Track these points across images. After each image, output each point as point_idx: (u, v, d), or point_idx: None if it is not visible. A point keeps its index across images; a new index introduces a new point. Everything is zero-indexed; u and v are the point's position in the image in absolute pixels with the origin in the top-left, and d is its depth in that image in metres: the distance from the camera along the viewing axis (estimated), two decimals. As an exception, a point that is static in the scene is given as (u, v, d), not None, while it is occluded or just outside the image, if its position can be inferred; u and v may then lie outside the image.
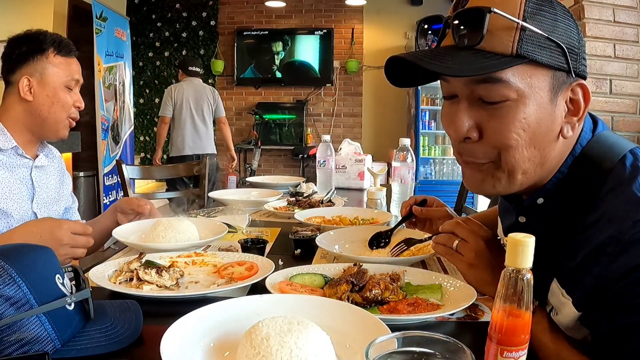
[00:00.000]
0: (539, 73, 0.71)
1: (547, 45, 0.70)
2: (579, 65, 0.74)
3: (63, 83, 1.37)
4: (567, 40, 0.72)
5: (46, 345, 0.71)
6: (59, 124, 1.39)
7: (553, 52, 0.71)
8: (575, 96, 0.74)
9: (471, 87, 0.74)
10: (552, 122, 0.74)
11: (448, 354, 0.57)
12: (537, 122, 0.73)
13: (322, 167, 2.40)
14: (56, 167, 1.52)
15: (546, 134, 0.74)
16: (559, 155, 0.77)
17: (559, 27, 0.71)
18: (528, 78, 0.71)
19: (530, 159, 0.75)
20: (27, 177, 1.38)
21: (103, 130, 4.49)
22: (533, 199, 0.81)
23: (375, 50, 6.34)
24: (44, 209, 1.39)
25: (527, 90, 0.71)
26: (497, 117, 0.73)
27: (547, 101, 0.72)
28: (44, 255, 0.78)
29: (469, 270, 0.94)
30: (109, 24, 4.64)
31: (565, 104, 0.74)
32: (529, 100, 0.72)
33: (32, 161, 1.40)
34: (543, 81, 0.72)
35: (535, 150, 0.74)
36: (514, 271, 0.58)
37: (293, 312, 0.78)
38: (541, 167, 0.77)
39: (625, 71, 2.54)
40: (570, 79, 0.74)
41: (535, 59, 0.70)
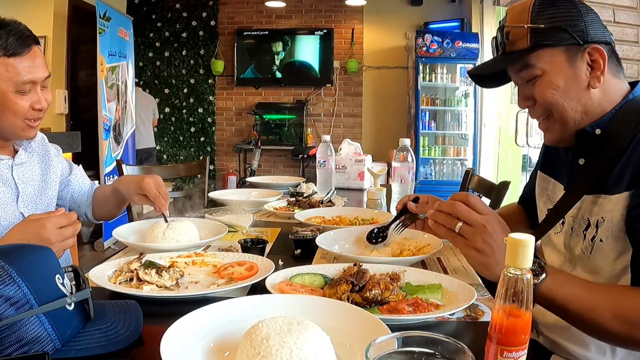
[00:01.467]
0: (554, 52, 1.00)
1: (553, 32, 0.99)
2: (586, 35, 0.99)
3: (11, 88, 1.18)
4: (569, 22, 0.98)
5: (46, 345, 0.71)
6: (15, 129, 1.25)
7: (559, 35, 0.99)
8: (593, 57, 1.00)
9: (519, 75, 1.06)
10: (577, 80, 1.01)
11: (448, 354, 0.57)
12: (565, 83, 1.01)
13: (322, 167, 2.40)
14: (37, 154, 1.42)
15: (575, 89, 1.01)
16: (599, 102, 1.02)
17: (559, 16, 0.99)
18: (547, 58, 1.01)
19: (571, 108, 1.02)
20: (9, 177, 1.30)
21: (105, 130, 4.49)
22: (592, 129, 1.03)
23: (375, 51, 6.33)
24: (31, 206, 1.33)
25: (549, 67, 1.01)
26: (536, 88, 1.04)
27: (567, 69, 1.01)
28: (44, 255, 0.78)
29: (472, 254, 0.91)
30: (112, 24, 4.64)
31: (586, 65, 1.00)
32: (552, 72, 1.01)
33: (11, 160, 1.32)
34: (559, 56, 1.00)
35: (572, 101, 1.02)
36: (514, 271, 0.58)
37: (293, 312, 0.78)
38: (586, 114, 1.03)
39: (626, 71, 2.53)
40: (582, 48, 0.99)
41: (545, 45, 1.00)
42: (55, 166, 1.48)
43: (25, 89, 1.20)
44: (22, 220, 1.09)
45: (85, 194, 1.58)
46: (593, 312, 0.84)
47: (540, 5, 1.00)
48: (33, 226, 1.05)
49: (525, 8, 1.02)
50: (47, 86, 1.28)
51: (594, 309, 0.84)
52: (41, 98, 1.24)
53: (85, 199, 1.58)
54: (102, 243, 4.37)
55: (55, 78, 4.46)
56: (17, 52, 1.17)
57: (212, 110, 6.65)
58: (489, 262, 0.90)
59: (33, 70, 1.20)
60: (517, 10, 1.04)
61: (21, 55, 1.18)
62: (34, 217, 1.08)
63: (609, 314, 0.83)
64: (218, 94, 6.65)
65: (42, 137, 1.47)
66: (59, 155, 1.52)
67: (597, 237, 1.00)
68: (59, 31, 4.49)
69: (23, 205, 1.32)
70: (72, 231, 1.09)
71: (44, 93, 1.26)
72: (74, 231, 1.09)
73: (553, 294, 0.85)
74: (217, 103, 6.66)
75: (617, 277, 0.98)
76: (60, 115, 4.51)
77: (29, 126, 1.26)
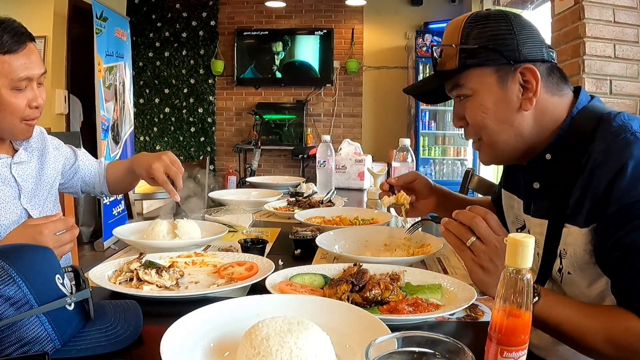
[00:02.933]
0: (483, 73, 0.97)
1: (483, 52, 0.95)
2: (518, 55, 0.94)
3: (7, 86, 1.18)
4: (499, 41, 0.95)
5: (46, 345, 0.71)
6: (13, 129, 1.25)
7: (488, 55, 0.95)
8: (525, 77, 0.95)
9: (452, 93, 1.04)
10: (508, 102, 0.97)
11: (448, 354, 0.57)
12: (494, 105, 0.97)
13: (322, 167, 2.40)
14: (37, 150, 1.42)
15: (505, 112, 0.97)
16: (535, 124, 0.98)
17: (488, 35, 0.96)
18: (478, 78, 0.97)
19: (502, 131, 0.98)
20: (8, 175, 1.30)
21: (103, 131, 4.49)
22: (542, 155, 0.99)
23: (375, 51, 6.33)
24: (34, 201, 1.34)
25: (478, 87, 0.98)
26: (467, 108, 1.01)
27: (497, 89, 0.97)
28: (44, 255, 0.79)
29: (477, 271, 0.91)
30: (109, 24, 4.63)
31: (519, 86, 0.96)
32: (482, 93, 0.98)
33: (10, 158, 1.31)
34: (489, 77, 0.96)
35: (503, 124, 0.98)
36: (514, 271, 0.58)
37: (293, 312, 0.78)
38: (521, 137, 0.99)
39: (625, 71, 2.54)
40: (513, 68, 0.95)
41: (473, 65, 0.96)
42: (55, 158, 1.47)
43: (21, 86, 1.20)
44: (20, 225, 1.09)
45: (95, 174, 1.59)
46: (585, 336, 0.84)
47: (471, 24, 0.97)
48: (30, 232, 1.04)
49: (458, 26, 0.99)
50: (42, 83, 1.27)
51: (585, 333, 0.84)
52: (37, 95, 1.23)
53: (97, 178, 1.59)
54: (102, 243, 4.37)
55: (55, 78, 4.46)
56: (12, 49, 1.17)
57: (212, 110, 6.65)
58: (491, 282, 0.89)
59: (29, 66, 1.20)
60: (450, 29, 1.01)
61: (16, 53, 1.18)
62: (32, 222, 1.07)
63: (600, 338, 0.82)
64: (218, 94, 6.64)
65: (41, 131, 1.46)
66: (59, 146, 1.51)
67: (564, 269, 0.96)
68: (59, 31, 4.49)
69: (26, 202, 1.32)
70: (69, 237, 1.08)
71: (39, 90, 1.25)
72: (71, 236, 1.08)
73: (546, 316, 0.85)
74: (217, 103, 6.66)
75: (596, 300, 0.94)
76: (60, 115, 4.51)
77: (27, 125, 1.26)
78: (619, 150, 0.85)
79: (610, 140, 0.88)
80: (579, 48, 2.53)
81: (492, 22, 0.97)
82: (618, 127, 0.89)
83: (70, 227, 1.08)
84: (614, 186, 0.83)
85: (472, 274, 0.92)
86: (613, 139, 0.88)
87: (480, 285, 0.92)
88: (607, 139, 0.89)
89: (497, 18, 0.97)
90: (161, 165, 1.37)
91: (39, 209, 1.35)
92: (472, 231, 0.91)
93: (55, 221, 1.06)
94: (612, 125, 0.91)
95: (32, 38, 1.23)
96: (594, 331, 0.83)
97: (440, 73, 1.02)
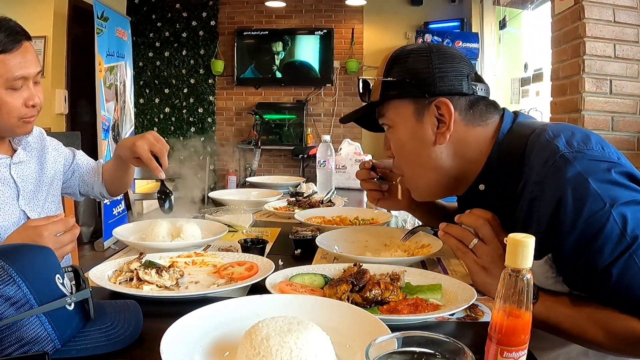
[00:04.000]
0: (402, 105, 1.02)
1: (400, 85, 1.00)
2: (433, 88, 0.98)
3: (2, 85, 1.18)
4: (416, 74, 0.99)
5: (46, 345, 0.71)
6: (12, 127, 1.24)
7: (405, 88, 1.00)
8: (440, 111, 0.98)
9: (380, 122, 1.09)
10: (422, 137, 1.00)
11: (448, 354, 0.57)
12: (409, 139, 1.02)
13: (322, 167, 2.40)
14: (36, 150, 1.42)
15: (419, 146, 1.01)
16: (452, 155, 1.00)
17: (407, 69, 1.00)
18: (395, 110, 1.03)
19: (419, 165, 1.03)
20: (7, 176, 1.30)
21: (104, 130, 4.49)
22: (474, 186, 1.00)
23: (375, 50, 6.33)
24: (32, 203, 1.34)
25: (396, 118, 1.03)
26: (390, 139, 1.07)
27: (413, 123, 1.01)
28: (44, 255, 0.78)
29: (480, 273, 0.91)
30: (110, 24, 4.64)
31: (435, 119, 0.99)
32: (399, 125, 1.03)
33: (9, 159, 1.31)
34: (406, 109, 1.01)
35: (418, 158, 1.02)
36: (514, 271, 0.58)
37: (293, 312, 0.78)
38: (441, 169, 1.01)
39: (625, 71, 2.54)
40: (429, 101, 0.98)
41: (391, 97, 1.02)
42: (54, 159, 1.47)
43: (17, 85, 1.19)
44: (20, 227, 1.08)
45: (93, 173, 1.58)
46: (585, 333, 0.84)
47: (394, 59, 1.03)
48: (30, 234, 1.04)
49: (384, 61, 1.05)
50: (39, 82, 1.27)
51: (585, 330, 0.84)
52: (34, 94, 1.23)
53: (95, 178, 1.58)
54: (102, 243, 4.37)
55: (55, 78, 4.46)
56: (7, 48, 1.16)
57: (212, 110, 6.65)
58: (493, 283, 0.90)
59: (24, 65, 1.19)
60: (380, 62, 1.07)
61: (12, 52, 1.17)
62: (32, 223, 1.07)
63: (601, 333, 0.83)
64: (218, 94, 6.65)
65: (40, 131, 1.46)
66: (58, 147, 1.51)
67: None
68: (59, 31, 4.50)
69: (24, 203, 1.31)
70: (70, 237, 1.07)
71: (36, 89, 1.24)
72: (72, 237, 1.08)
73: (544, 317, 0.86)
74: (217, 103, 6.66)
75: None
76: (60, 115, 4.51)
77: (25, 122, 1.25)
78: (553, 180, 0.83)
79: (541, 169, 0.86)
80: (579, 48, 2.53)
81: (412, 57, 1.02)
82: (545, 151, 0.87)
83: (70, 228, 1.08)
84: (559, 217, 0.82)
85: (474, 275, 0.92)
86: (543, 167, 0.85)
87: (482, 286, 0.92)
88: (537, 168, 0.87)
89: (419, 53, 1.02)
90: (145, 142, 1.34)
91: (38, 210, 1.35)
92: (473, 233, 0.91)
93: (55, 222, 1.06)
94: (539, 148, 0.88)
95: (28, 37, 1.23)
96: (594, 328, 0.84)
97: (367, 103, 1.09)
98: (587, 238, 0.80)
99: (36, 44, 4.24)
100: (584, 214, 0.80)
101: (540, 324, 0.87)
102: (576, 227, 0.80)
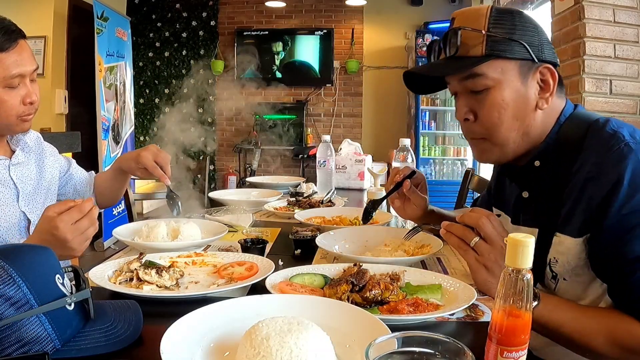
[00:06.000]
0: (507, 65, 0.94)
1: (510, 43, 0.93)
2: (541, 54, 0.95)
3: (0, 84, 1.19)
4: (526, 38, 0.94)
5: (46, 345, 0.71)
6: (10, 126, 1.25)
7: (515, 48, 0.93)
8: (544, 77, 0.96)
9: (463, 84, 0.98)
10: (526, 98, 0.96)
11: (448, 354, 0.57)
12: (514, 100, 0.95)
13: (322, 167, 2.40)
14: (34, 152, 1.42)
15: (523, 108, 0.96)
16: (541, 125, 0.98)
17: (517, 29, 0.94)
18: (499, 69, 0.94)
19: (514, 129, 0.97)
20: (6, 177, 1.30)
21: (104, 130, 4.49)
22: (531, 162, 0.99)
23: (375, 50, 6.33)
24: (31, 204, 1.34)
25: (501, 77, 0.95)
26: (483, 102, 0.97)
27: (518, 84, 0.95)
28: (44, 255, 0.78)
29: (481, 271, 0.90)
30: (110, 24, 4.63)
31: (537, 84, 0.96)
32: (503, 86, 0.95)
33: (8, 160, 1.32)
34: (512, 70, 0.95)
35: (517, 122, 0.97)
36: (514, 271, 0.58)
37: (293, 312, 0.78)
38: (527, 136, 0.98)
39: (625, 71, 2.54)
40: (535, 65, 0.95)
41: (501, 56, 0.93)
42: (52, 164, 1.48)
43: (14, 84, 1.20)
44: (39, 221, 1.08)
45: (86, 184, 1.59)
46: (586, 337, 0.84)
47: (497, 14, 0.94)
48: (47, 228, 1.04)
49: (482, 14, 0.95)
50: (35, 80, 1.28)
51: (586, 334, 0.84)
52: (31, 91, 1.24)
53: (88, 188, 1.59)
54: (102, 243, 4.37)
55: (55, 78, 4.46)
56: (3, 47, 1.17)
57: (212, 110, 6.65)
58: (494, 282, 0.89)
59: (21, 63, 1.20)
60: (471, 16, 0.96)
61: (8, 51, 1.18)
62: (48, 214, 1.06)
63: (601, 339, 0.83)
64: (218, 94, 6.65)
65: (38, 136, 1.48)
66: (54, 153, 1.53)
67: (559, 276, 0.95)
68: (59, 31, 4.49)
69: (24, 204, 1.32)
70: (87, 222, 1.06)
71: (32, 86, 1.25)
72: (90, 221, 1.07)
73: (546, 319, 0.85)
74: (217, 103, 6.66)
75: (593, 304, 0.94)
76: (60, 115, 4.51)
77: (23, 120, 1.26)
78: (613, 163, 0.85)
79: (604, 152, 0.88)
80: (579, 48, 2.53)
81: (518, 16, 0.95)
82: (609, 137, 0.89)
83: (86, 212, 1.07)
84: (611, 199, 0.83)
85: (476, 274, 0.92)
86: (606, 151, 0.87)
87: (483, 285, 0.92)
88: (600, 151, 0.88)
89: (522, 15, 0.96)
90: (149, 153, 1.43)
91: (37, 212, 1.35)
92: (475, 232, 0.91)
93: (69, 212, 1.05)
94: (603, 135, 0.90)
95: (23, 35, 1.24)
96: (595, 331, 0.83)
97: (460, 59, 0.96)
98: (627, 226, 0.83)
99: (36, 44, 4.24)
100: (633, 201, 0.82)
101: (540, 327, 0.87)
102: (622, 212, 0.83)
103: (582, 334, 0.84)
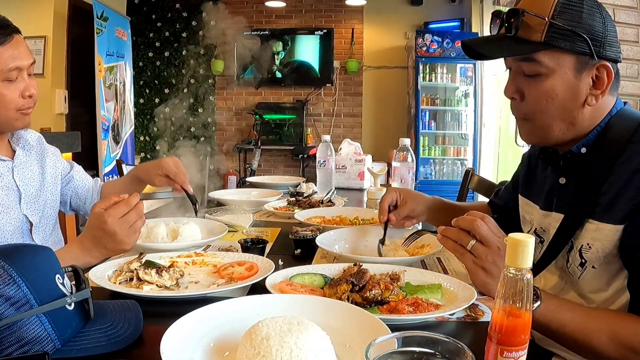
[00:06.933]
0: (564, 56, 0.93)
1: (571, 36, 0.91)
2: (602, 50, 0.93)
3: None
4: (591, 31, 0.92)
5: (46, 345, 0.71)
6: (9, 121, 1.26)
7: (576, 41, 0.92)
8: (600, 74, 0.94)
9: (517, 63, 0.99)
10: (576, 93, 0.95)
11: (448, 354, 0.57)
12: (562, 92, 0.95)
13: (322, 167, 2.40)
14: (35, 152, 1.43)
15: (572, 101, 0.96)
16: (589, 118, 0.98)
17: (583, 21, 0.92)
18: (556, 59, 0.93)
19: (560, 119, 0.98)
20: (10, 180, 1.30)
21: (103, 130, 4.49)
22: (578, 148, 1.00)
23: (375, 50, 6.33)
24: (33, 206, 1.34)
25: (555, 67, 0.94)
26: (532, 86, 0.97)
27: (571, 77, 0.94)
28: (44, 255, 0.78)
29: (479, 273, 0.90)
30: (110, 24, 4.64)
31: (590, 80, 0.95)
32: (556, 76, 0.94)
33: (11, 162, 1.32)
34: (568, 62, 0.94)
35: (563, 112, 0.97)
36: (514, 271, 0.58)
37: (293, 312, 0.78)
38: (573, 126, 0.98)
39: (625, 71, 2.54)
40: (593, 61, 0.93)
41: (559, 47, 0.92)
42: (53, 164, 1.48)
43: (12, 77, 1.22)
44: (90, 216, 1.11)
45: (89, 189, 1.59)
46: (588, 337, 0.84)
47: (567, 3, 0.92)
48: (96, 224, 1.09)
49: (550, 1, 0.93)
50: (32, 74, 1.28)
51: (589, 334, 0.84)
52: (29, 84, 1.25)
53: (91, 194, 1.58)
54: (102, 243, 4.37)
55: (55, 78, 4.46)
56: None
57: (212, 110, 6.65)
58: (493, 283, 0.89)
59: (17, 57, 1.21)
60: None
61: (4, 44, 1.19)
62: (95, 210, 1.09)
63: (604, 338, 0.82)
64: (218, 94, 6.64)
65: (39, 136, 1.48)
66: (56, 154, 1.53)
67: (587, 264, 0.96)
68: (59, 31, 4.49)
69: (26, 207, 1.32)
70: (135, 215, 1.10)
71: (30, 81, 1.26)
72: (137, 214, 1.11)
73: (547, 320, 0.85)
74: (217, 103, 6.66)
75: (609, 302, 0.96)
76: (60, 115, 4.51)
77: (22, 114, 1.27)
78: None
79: None
80: (579, 48, 2.52)
81: (587, 8, 0.93)
82: None
83: (132, 205, 1.10)
84: None
85: (474, 276, 0.92)
86: None
87: (482, 287, 0.92)
88: None
89: (592, 6, 0.94)
90: (171, 160, 1.48)
91: (39, 215, 1.35)
92: (471, 235, 0.91)
93: (117, 206, 1.09)
94: None
95: (18, 30, 1.25)
96: (598, 331, 0.83)
97: (520, 40, 0.95)
98: None
99: (36, 44, 4.24)
100: None
101: (542, 328, 0.87)
102: None
103: (585, 333, 0.84)
